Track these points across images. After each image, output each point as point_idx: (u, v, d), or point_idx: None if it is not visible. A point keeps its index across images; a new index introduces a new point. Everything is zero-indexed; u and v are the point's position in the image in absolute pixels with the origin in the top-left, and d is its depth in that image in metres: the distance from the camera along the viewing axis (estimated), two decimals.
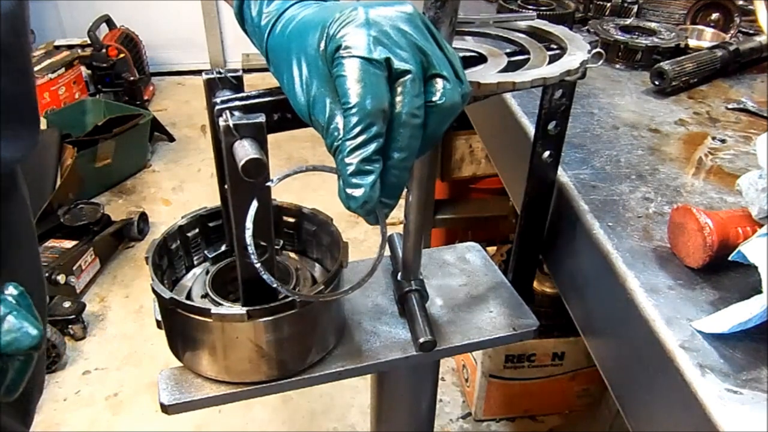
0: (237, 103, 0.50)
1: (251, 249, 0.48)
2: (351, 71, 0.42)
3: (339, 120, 0.43)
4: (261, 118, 0.49)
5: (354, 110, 0.41)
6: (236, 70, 0.55)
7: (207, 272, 0.69)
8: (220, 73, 0.54)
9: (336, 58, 0.42)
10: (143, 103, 3.26)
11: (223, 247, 0.72)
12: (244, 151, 0.47)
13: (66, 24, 3.70)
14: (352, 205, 0.43)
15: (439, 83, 0.44)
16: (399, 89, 0.43)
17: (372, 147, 0.42)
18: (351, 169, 0.42)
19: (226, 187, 0.54)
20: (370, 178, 0.42)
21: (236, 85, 0.54)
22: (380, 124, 0.42)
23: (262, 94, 0.52)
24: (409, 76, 0.42)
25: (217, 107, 0.50)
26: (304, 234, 0.75)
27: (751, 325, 0.49)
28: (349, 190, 0.43)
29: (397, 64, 0.42)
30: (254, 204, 0.49)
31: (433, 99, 0.44)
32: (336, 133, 0.43)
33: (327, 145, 0.44)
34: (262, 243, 0.56)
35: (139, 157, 2.95)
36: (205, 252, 0.72)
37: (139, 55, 3.47)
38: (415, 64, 0.43)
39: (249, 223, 0.49)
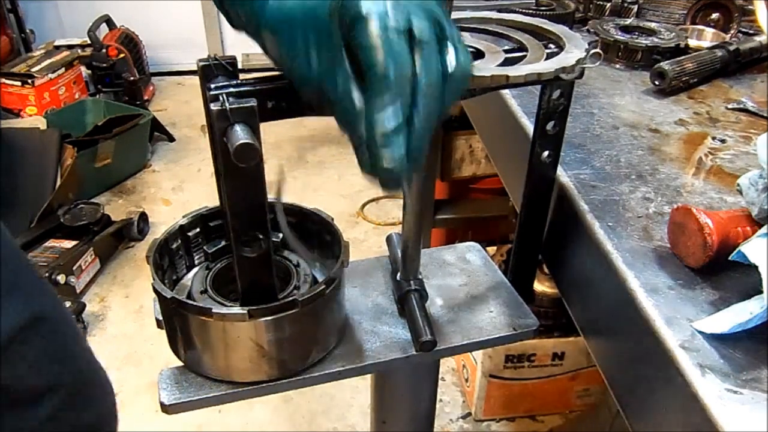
0: (231, 89, 0.50)
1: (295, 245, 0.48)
2: (373, 39, 0.40)
3: (354, 91, 0.42)
4: (252, 102, 0.48)
5: (379, 79, 0.41)
6: (232, 57, 0.54)
7: (207, 268, 0.69)
8: (215, 59, 0.54)
9: (354, 25, 0.41)
10: (143, 103, 3.27)
11: (222, 242, 0.72)
12: (236, 136, 0.47)
13: (66, 24, 3.70)
14: (383, 175, 0.42)
15: (452, 52, 0.43)
16: (418, 57, 0.42)
17: (399, 116, 0.41)
18: (380, 140, 0.41)
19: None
20: (399, 147, 0.42)
21: (231, 72, 0.54)
22: (406, 94, 0.41)
23: (258, 81, 0.51)
24: (428, 43, 0.42)
25: (211, 92, 0.49)
26: (305, 234, 0.75)
27: (751, 325, 0.49)
28: (379, 161, 0.42)
29: (417, 32, 0.41)
30: (280, 205, 0.50)
31: (447, 68, 0.43)
32: (350, 105, 0.42)
33: (339, 117, 0.44)
34: (259, 235, 0.56)
35: (139, 157, 2.95)
36: (205, 248, 0.72)
37: (139, 55, 3.47)
38: (431, 32, 0.42)
39: (281, 218, 0.48)
